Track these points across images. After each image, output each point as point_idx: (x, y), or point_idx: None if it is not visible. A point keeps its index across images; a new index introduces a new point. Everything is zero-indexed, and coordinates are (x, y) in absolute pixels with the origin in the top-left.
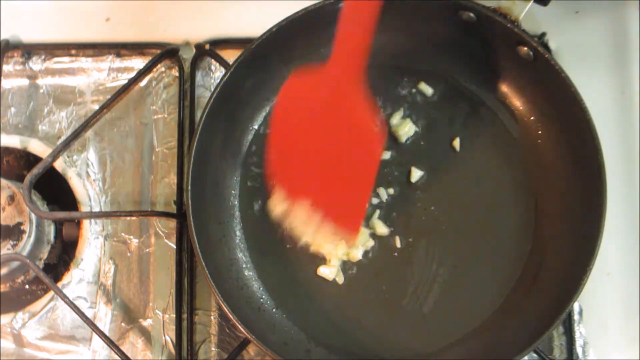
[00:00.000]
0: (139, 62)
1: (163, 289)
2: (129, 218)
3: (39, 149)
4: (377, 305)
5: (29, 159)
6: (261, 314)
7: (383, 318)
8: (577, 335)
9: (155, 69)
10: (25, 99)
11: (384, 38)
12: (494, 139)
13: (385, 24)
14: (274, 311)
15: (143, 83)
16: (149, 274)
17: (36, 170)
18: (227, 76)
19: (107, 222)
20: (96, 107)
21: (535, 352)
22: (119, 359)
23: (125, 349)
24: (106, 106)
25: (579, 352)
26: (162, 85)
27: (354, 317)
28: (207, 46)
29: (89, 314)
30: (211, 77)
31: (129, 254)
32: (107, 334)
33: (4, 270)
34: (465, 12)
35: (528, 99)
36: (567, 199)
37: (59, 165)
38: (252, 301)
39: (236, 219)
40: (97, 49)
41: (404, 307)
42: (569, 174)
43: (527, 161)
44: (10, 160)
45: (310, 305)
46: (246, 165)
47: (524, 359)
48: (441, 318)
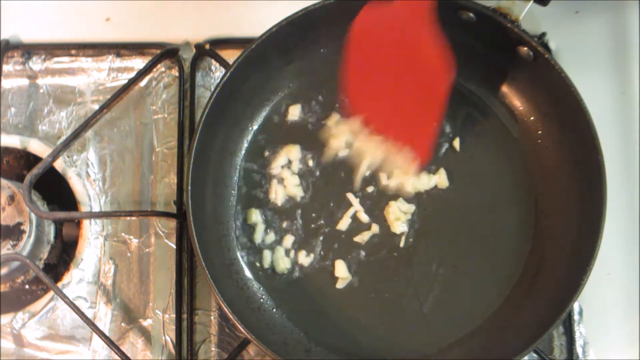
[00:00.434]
0: (139, 62)
1: (163, 289)
2: (129, 218)
3: (39, 149)
4: (377, 305)
5: (29, 159)
6: (261, 314)
7: (383, 318)
8: (577, 335)
9: (155, 69)
10: (25, 99)
11: None
12: (494, 139)
13: None
14: (274, 311)
15: (143, 83)
16: (149, 274)
17: (36, 170)
18: (227, 76)
19: (107, 222)
20: (96, 107)
21: (535, 352)
22: (119, 359)
23: (125, 349)
24: (106, 106)
25: (579, 352)
26: (162, 85)
27: (354, 317)
28: (207, 46)
29: (89, 314)
30: (211, 77)
31: (129, 254)
32: (107, 334)
33: (4, 270)
34: (465, 12)
35: (528, 99)
36: (567, 199)
37: (59, 165)
38: (252, 301)
39: (236, 219)
40: (97, 49)
41: (404, 307)
42: (569, 173)
43: (527, 161)
44: (10, 160)
45: (310, 305)
46: (246, 165)
47: (524, 359)
48: (441, 318)
